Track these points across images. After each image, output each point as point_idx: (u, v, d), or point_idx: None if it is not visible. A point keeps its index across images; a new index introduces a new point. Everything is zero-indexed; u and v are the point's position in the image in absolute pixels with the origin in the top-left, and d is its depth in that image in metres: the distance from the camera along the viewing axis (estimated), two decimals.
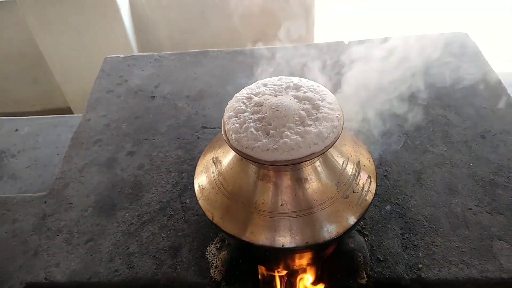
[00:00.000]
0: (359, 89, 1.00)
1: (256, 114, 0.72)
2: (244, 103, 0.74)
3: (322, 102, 0.74)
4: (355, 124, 0.99)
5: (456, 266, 0.88)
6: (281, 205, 0.71)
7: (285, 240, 0.71)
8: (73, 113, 2.53)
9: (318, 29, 2.04)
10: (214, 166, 0.80)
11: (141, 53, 1.55)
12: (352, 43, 1.48)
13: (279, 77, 0.81)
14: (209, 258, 0.94)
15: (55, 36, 2.20)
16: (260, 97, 0.75)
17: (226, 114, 0.74)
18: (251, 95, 0.76)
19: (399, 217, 0.97)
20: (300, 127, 0.69)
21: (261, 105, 0.72)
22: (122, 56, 1.55)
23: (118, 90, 1.40)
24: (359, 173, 0.77)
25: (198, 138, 1.22)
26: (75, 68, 2.33)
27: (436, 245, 0.92)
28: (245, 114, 0.72)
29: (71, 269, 0.95)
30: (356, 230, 0.95)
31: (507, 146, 1.10)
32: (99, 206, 1.06)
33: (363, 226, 0.96)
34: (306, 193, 0.72)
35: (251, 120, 0.71)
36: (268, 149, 0.66)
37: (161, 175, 1.12)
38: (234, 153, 0.74)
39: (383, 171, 1.07)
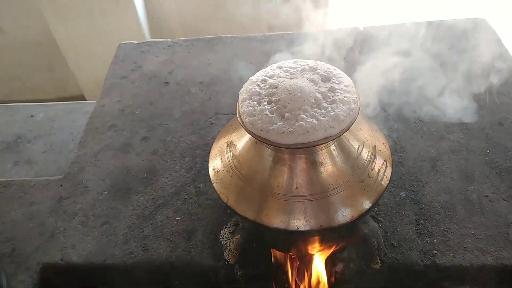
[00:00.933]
0: (376, 76, 0.99)
1: (271, 96, 0.71)
2: (258, 85, 0.74)
3: (338, 84, 0.73)
4: (371, 109, 0.99)
5: (471, 253, 0.87)
6: (296, 188, 0.71)
7: (299, 223, 0.71)
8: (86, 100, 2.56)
9: (332, 15, 2.02)
10: (228, 149, 0.80)
11: (154, 39, 1.55)
12: (367, 29, 1.46)
13: (295, 60, 0.80)
14: (222, 242, 0.95)
15: (69, 23, 2.21)
16: (275, 79, 0.74)
17: (241, 97, 0.74)
18: (266, 78, 0.75)
19: (414, 204, 0.97)
20: (316, 109, 0.69)
21: (276, 88, 0.72)
22: (136, 42, 1.55)
23: (132, 76, 1.41)
24: (374, 158, 0.77)
25: (212, 124, 1.22)
26: (89, 55, 2.34)
27: (451, 232, 0.91)
28: (260, 96, 0.72)
29: (87, 251, 0.96)
30: (370, 215, 0.95)
31: None
32: (114, 190, 1.07)
33: (377, 212, 0.96)
34: (321, 176, 0.71)
35: (265, 103, 0.70)
36: (283, 132, 0.66)
37: (175, 160, 1.12)
38: (249, 136, 0.74)
39: (398, 157, 1.06)
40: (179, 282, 0.95)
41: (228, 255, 0.92)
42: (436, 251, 0.88)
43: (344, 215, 0.71)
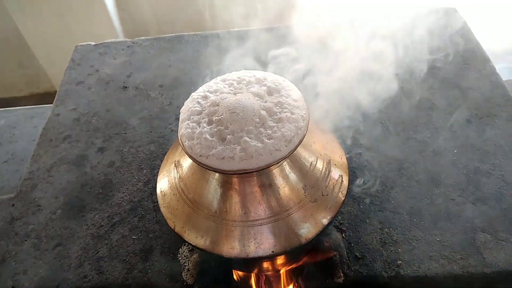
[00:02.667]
0: (334, 72, 0.94)
1: (212, 115, 0.66)
2: (199, 103, 0.68)
3: (286, 98, 0.68)
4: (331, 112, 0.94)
5: (436, 262, 0.84)
6: (244, 213, 0.67)
7: (249, 249, 0.66)
8: None
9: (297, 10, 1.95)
10: (175, 170, 0.75)
11: (112, 40, 1.48)
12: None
13: (241, 71, 0.75)
14: (181, 261, 0.90)
15: (36, 19, 2.12)
16: (217, 95, 0.69)
17: (181, 117, 0.68)
18: (208, 94, 0.70)
19: (379, 211, 0.93)
20: (261, 129, 0.64)
21: (218, 105, 0.67)
22: (94, 43, 1.47)
23: (89, 81, 1.33)
24: (329, 173, 0.72)
25: (172, 130, 1.16)
26: (59, 50, 2.25)
27: (417, 240, 0.88)
28: (200, 116, 0.66)
29: (39, 276, 0.91)
30: (333, 226, 0.91)
31: (493, 131, 1.04)
32: (68, 208, 1.02)
33: (341, 222, 0.92)
34: (270, 199, 0.67)
35: (205, 124, 0.65)
36: (223, 158, 0.61)
37: (132, 173, 1.07)
38: None
39: (363, 161, 1.02)
40: None
41: (186, 275, 0.88)
42: (400, 261, 0.85)
43: (296, 238, 0.67)
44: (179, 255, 0.91)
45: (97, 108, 1.24)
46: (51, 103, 1.31)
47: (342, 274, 0.85)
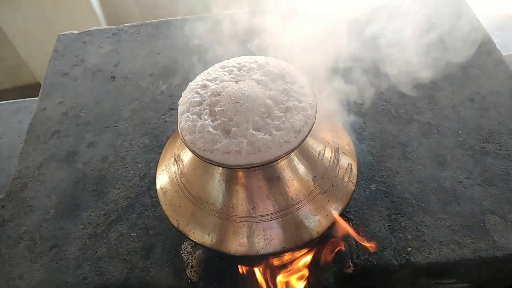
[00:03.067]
0: (329, 53, 0.90)
1: (213, 106, 0.62)
2: (198, 93, 0.64)
3: (292, 85, 0.64)
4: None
5: (447, 247, 0.82)
6: (252, 208, 0.63)
7: (259, 246, 0.63)
8: None
9: None
10: (176, 165, 0.71)
11: (97, 28, 1.41)
12: None
13: (241, 56, 0.70)
14: (184, 257, 0.87)
15: (14, 8, 2.02)
16: (218, 84, 0.64)
17: (179, 109, 0.64)
18: (207, 82, 0.65)
19: (385, 197, 0.90)
20: (267, 120, 0.60)
21: (219, 95, 0.62)
22: (77, 32, 1.40)
23: (74, 72, 1.27)
24: (338, 162, 0.69)
25: (166, 121, 1.11)
26: (39, 41, 2.17)
27: (425, 225, 0.86)
28: (201, 107, 0.62)
29: (36, 280, 0.87)
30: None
31: (497, 109, 1.02)
32: (62, 207, 0.97)
33: (347, 210, 0.89)
34: (279, 192, 0.63)
35: (207, 116, 0.61)
36: (229, 152, 0.57)
37: (127, 167, 1.02)
38: None
39: (366, 146, 0.99)
40: None
41: (190, 272, 0.85)
42: (410, 248, 0.83)
43: (308, 232, 0.64)
44: (181, 252, 0.88)
45: (85, 101, 1.19)
46: (35, 96, 1.25)
47: (351, 264, 0.82)
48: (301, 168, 0.65)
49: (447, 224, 0.85)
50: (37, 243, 0.93)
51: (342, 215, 0.86)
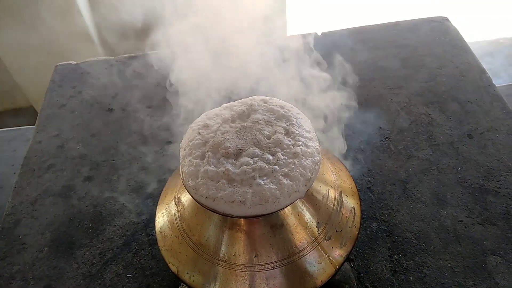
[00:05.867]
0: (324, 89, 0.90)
1: (217, 147, 0.61)
2: (200, 133, 0.64)
3: (298, 128, 0.64)
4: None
5: None
6: (255, 256, 0.62)
7: None
8: (36, 112, 2.39)
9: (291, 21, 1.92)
10: (176, 208, 0.70)
11: (95, 58, 1.40)
12: (324, 34, 1.37)
13: (252, 97, 0.70)
14: None
15: (7, 30, 2.02)
16: (220, 124, 0.64)
17: (181, 153, 0.63)
18: (208, 122, 0.65)
19: (386, 236, 0.89)
20: (275, 167, 0.59)
21: (222, 136, 0.62)
22: (74, 63, 1.40)
23: (71, 104, 1.26)
24: (341, 206, 0.68)
25: (164, 155, 1.10)
26: (33, 65, 2.16)
27: (427, 266, 0.85)
28: (204, 149, 0.61)
29: None
30: None
31: (495, 145, 1.02)
32: (56, 245, 0.95)
33: None
34: (283, 240, 0.62)
35: (211, 159, 0.60)
36: (233, 201, 0.56)
37: (123, 204, 1.01)
38: None
39: (366, 182, 0.99)
40: None
41: None
42: None
43: (312, 281, 0.62)
44: None
45: (82, 133, 1.17)
46: (29, 122, 1.23)
47: None
48: (306, 214, 0.64)
49: (449, 265, 0.84)
50: (29, 283, 0.90)
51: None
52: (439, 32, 1.31)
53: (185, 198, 0.69)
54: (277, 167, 0.58)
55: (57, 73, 1.36)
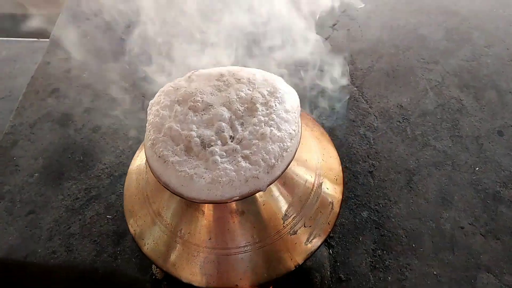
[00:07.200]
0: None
1: (185, 104, 0.56)
2: (175, 84, 0.59)
3: (278, 105, 0.56)
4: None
5: None
6: (210, 238, 0.58)
7: (211, 279, 0.59)
8: None
9: None
10: (146, 169, 0.66)
11: None
12: None
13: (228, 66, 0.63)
14: None
15: None
16: (196, 89, 0.58)
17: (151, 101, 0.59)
18: (182, 83, 0.59)
19: (375, 228, 0.83)
20: (236, 147, 0.53)
21: (196, 99, 0.56)
22: None
23: (86, 26, 1.21)
24: (317, 199, 0.62)
25: None
26: None
27: (411, 269, 0.79)
28: (173, 99, 0.57)
29: (9, 244, 0.87)
30: None
31: None
32: (46, 173, 0.96)
33: (331, 235, 0.83)
34: (241, 228, 0.58)
35: (177, 117, 0.55)
36: (182, 172, 0.51)
37: (116, 142, 0.99)
38: None
39: (369, 165, 0.91)
40: None
41: (156, 269, 0.82)
42: None
43: (264, 274, 0.58)
44: None
45: (90, 60, 1.13)
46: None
47: None
48: (272, 204, 0.59)
49: (435, 273, 0.78)
50: (16, 205, 0.92)
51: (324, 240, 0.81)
52: (499, 3, 1.12)
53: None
54: (239, 147, 0.52)
55: None
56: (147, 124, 0.57)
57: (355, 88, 1.01)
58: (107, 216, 0.89)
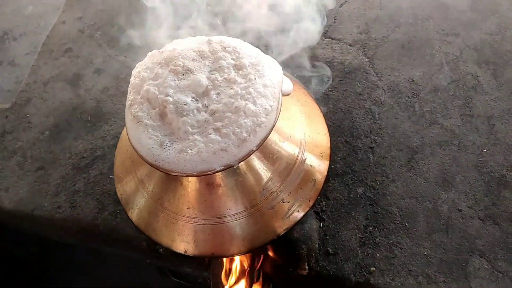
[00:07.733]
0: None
1: (169, 62, 0.57)
2: (161, 49, 0.60)
3: (258, 78, 0.55)
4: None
5: (414, 279, 0.75)
6: (188, 208, 0.59)
7: (188, 246, 0.61)
8: None
9: None
10: None
11: None
12: None
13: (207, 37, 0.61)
14: None
15: None
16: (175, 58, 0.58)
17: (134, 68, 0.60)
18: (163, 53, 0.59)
19: (369, 205, 0.82)
20: (208, 118, 0.52)
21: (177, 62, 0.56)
22: None
23: None
24: (299, 175, 0.62)
25: None
26: None
27: (401, 248, 0.78)
28: (155, 61, 0.58)
29: (18, 197, 0.93)
30: (313, 211, 0.82)
31: None
32: (56, 131, 1.00)
33: (323, 209, 0.83)
34: (218, 199, 0.58)
35: (155, 81, 0.56)
36: (153, 138, 0.52)
37: (123, 104, 1.00)
38: None
39: (370, 141, 0.88)
40: (104, 246, 0.91)
41: None
42: (374, 268, 0.77)
43: (240, 245, 0.60)
44: None
45: (104, 21, 1.14)
46: None
47: (307, 267, 0.78)
48: (250, 178, 0.59)
49: (425, 253, 0.77)
50: (27, 161, 0.97)
51: (315, 212, 0.81)
52: None
53: None
54: (211, 118, 0.52)
55: None
56: (129, 85, 0.58)
57: (366, 59, 0.97)
58: (110, 176, 0.92)
